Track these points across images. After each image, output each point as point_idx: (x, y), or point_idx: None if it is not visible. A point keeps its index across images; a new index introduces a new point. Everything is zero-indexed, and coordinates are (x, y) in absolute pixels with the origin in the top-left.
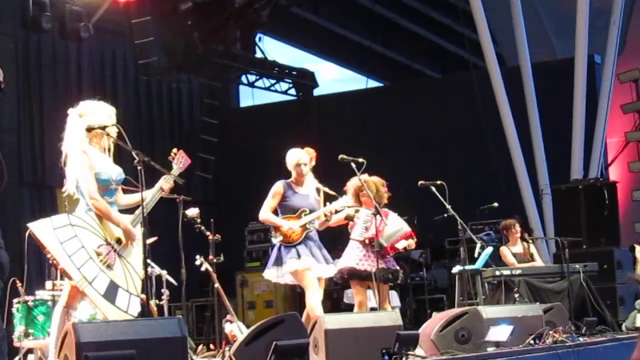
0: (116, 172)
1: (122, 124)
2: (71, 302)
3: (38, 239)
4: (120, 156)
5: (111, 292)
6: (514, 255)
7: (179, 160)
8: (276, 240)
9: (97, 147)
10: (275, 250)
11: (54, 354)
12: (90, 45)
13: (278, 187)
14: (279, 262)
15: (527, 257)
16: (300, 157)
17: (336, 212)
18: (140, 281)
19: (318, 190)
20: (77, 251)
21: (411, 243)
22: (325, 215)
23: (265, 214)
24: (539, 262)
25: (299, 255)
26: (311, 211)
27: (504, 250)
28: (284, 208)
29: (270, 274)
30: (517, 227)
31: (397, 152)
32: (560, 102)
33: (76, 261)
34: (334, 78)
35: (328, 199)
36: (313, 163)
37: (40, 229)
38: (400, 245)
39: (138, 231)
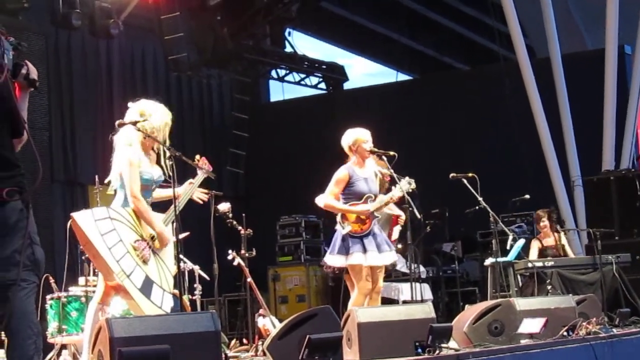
0: (157, 173)
1: None
2: (105, 299)
3: (80, 229)
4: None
5: (147, 287)
6: (546, 247)
7: (202, 167)
8: (345, 230)
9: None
10: (339, 238)
11: (87, 350)
12: (120, 42)
13: (343, 173)
14: (346, 251)
15: (558, 249)
16: (361, 134)
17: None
18: (172, 279)
19: (375, 174)
20: (116, 244)
21: (401, 221)
22: (392, 200)
23: (331, 201)
24: (572, 254)
25: (365, 250)
26: (375, 196)
27: (532, 243)
28: (349, 194)
29: (337, 261)
30: (545, 221)
31: (427, 145)
32: (590, 93)
33: (115, 254)
34: (366, 72)
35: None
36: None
37: (83, 219)
38: (395, 234)
39: (170, 230)
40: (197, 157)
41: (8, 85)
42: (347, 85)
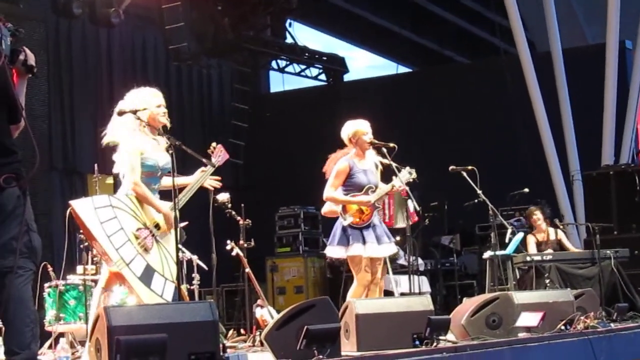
0: (163, 160)
1: None
2: (109, 285)
3: (79, 217)
4: None
5: (147, 276)
6: (541, 242)
7: (218, 155)
8: (347, 222)
9: (147, 132)
10: (340, 229)
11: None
12: (121, 31)
13: (343, 165)
14: (347, 242)
15: (552, 244)
16: (361, 126)
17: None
18: (175, 268)
19: (376, 165)
20: (116, 232)
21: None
22: (394, 189)
23: (333, 193)
24: (572, 248)
25: (364, 241)
26: (376, 187)
27: (528, 238)
28: (349, 186)
29: (337, 252)
30: (538, 214)
31: (427, 138)
32: (591, 88)
33: (115, 242)
34: (367, 65)
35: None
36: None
37: (82, 207)
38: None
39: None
40: (214, 144)
41: (5, 71)
42: (347, 77)
